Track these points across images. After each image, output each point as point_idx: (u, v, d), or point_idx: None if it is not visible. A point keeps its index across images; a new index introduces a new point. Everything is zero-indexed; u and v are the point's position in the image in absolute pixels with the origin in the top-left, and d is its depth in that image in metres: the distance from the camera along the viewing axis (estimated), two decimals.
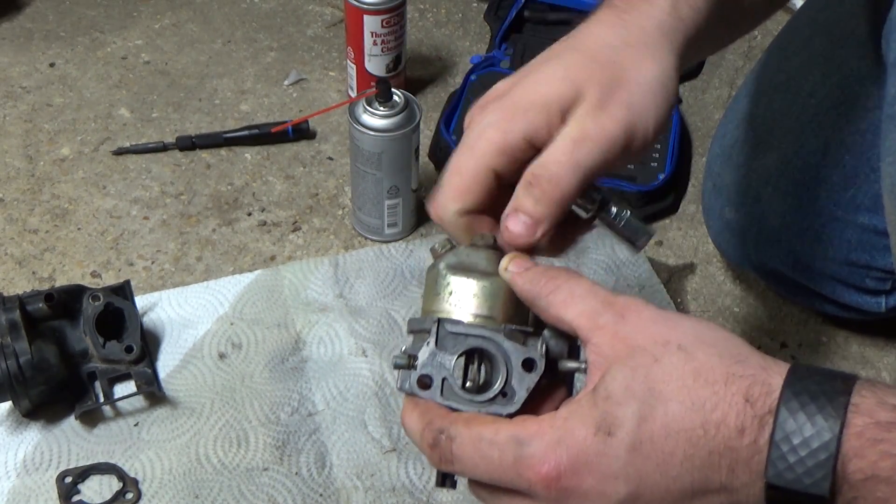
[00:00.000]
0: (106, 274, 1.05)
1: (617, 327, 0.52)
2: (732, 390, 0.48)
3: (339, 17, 1.38)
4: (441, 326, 0.55)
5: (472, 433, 0.52)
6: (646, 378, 0.50)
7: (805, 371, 0.49)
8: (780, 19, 1.42)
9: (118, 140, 1.20)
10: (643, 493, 0.50)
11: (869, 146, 0.88)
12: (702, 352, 0.50)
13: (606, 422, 0.50)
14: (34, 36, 1.35)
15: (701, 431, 0.48)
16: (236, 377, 0.94)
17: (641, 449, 0.49)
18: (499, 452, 0.51)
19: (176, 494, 0.85)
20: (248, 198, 1.14)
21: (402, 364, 0.56)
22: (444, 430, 0.53)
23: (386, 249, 1.07)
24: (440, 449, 0.53)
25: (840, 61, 0.93)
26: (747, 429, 0.48)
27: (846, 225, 0.92)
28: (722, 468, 0.48)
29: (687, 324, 0.52)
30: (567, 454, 0.50)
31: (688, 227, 1.14)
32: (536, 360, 0.54)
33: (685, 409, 0.49)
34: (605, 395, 0.50)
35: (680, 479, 0.49)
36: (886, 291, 0.96)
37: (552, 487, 0.50)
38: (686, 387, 0.49)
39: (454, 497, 0.86)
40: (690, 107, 1.29)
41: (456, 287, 0.56)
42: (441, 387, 0.55)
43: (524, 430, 0.51)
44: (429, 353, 0.55)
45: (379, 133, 1.01)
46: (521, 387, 0.54)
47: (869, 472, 0.46)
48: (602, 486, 0.50)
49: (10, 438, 0.89)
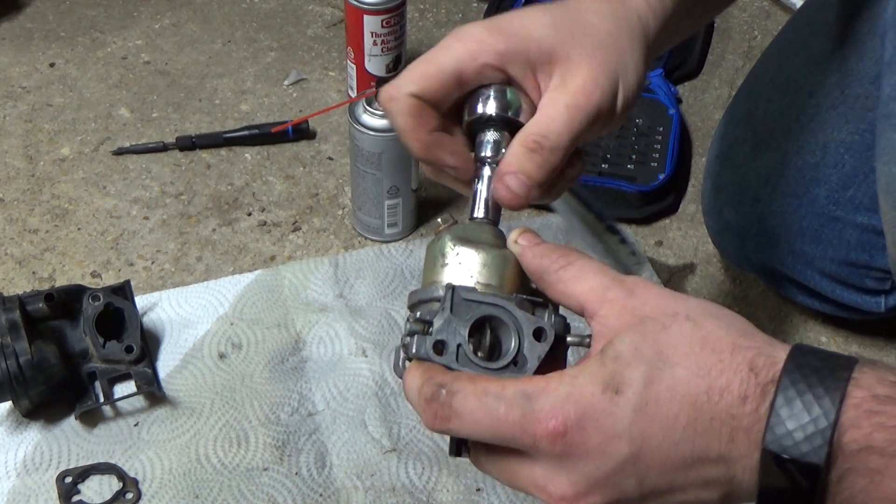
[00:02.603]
0: (106, 274, 1.05)
1: (626, 300, 0.53)
2: (738, 359, 0.49)
3: (339, 17, 1.38)
4: (455, 293, 0.55)
5: (476, 388, 0.52)
6: (654, 342, 0.50)
7: (809, 348, 0.50)
8: (779, 19, 1.42)
9: (118, 140, 1.20)
10: (644, 456, 0.50)
11: (868, 146, 0.88)
12: (709, 323, 0.51)
13: (615, 381, 0.50)
14: (34, 36, 1.35)
15: (705, 397, 0.49)
16: (236, 377, 0.94)
17: (647, 410, 0.49)
18: (505, 406, 0.51)
19: (176, 494, 0.85)
20: (248, 198, 1.14)
21: (417, 330, 0.55)
22: (444, 384, 0.53)
23: (386, 249, 1.07)
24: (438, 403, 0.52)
25: (840, 61, 0.93)
26: (749, 397, 0.48)
27: (846, 225, 0.92)
28: (723, 436, 0.49)
29: (694, 300, 0.53)
30: (575, 410, 0.50)
31: (688, 227, 1.14)
32: (547, 329, 0.55)
33: (691, 373, 0.49)
34: (613, 356, 0.51)
35: (681, 445, 0.49)
36: (886, 291, 0.96)
37: (557, 442, 0.50)
38: (693, 353, 0.50)
39: (454, 497, 0.86)
40: (690, 107, 1.29)
41: (464, 257, 0.57)
42: (456, 353, 0.54)
43: (532, 385, 0.51)
44: (444, 319, 0.55)
45: (379, 133, 1.01)
46: (532, 355, 0.54)
47: (863, 442, 0.46)
48: (605, 444, 0.50)
49: (10, 438, 0.89)
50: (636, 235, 1.12)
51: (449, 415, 0.52)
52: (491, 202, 0.61)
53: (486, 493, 0.87)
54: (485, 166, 0.61)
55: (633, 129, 1.17)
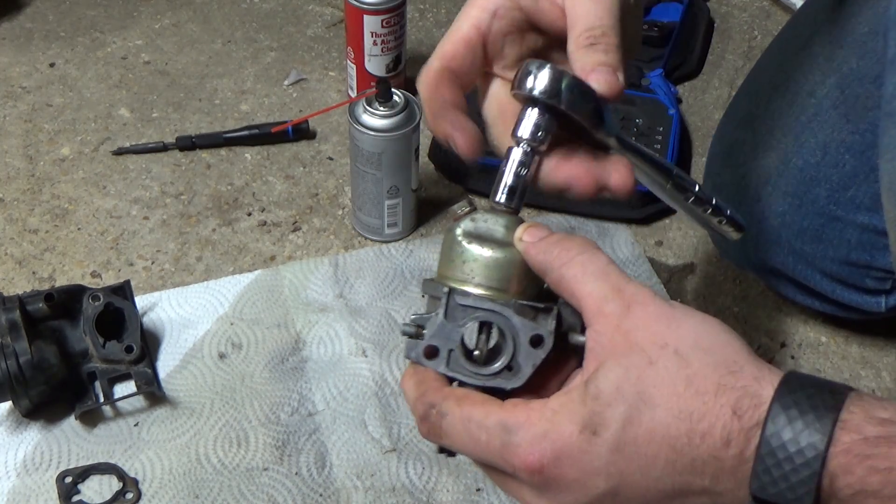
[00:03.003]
0: (106, 274, 1.05)
1: (620, 320, 0.52)
2: (721, 402, 0.49)
3: (339, 17, 1.38)
4: (451, 298, 0.55)
5: (462, 413, 0.53)
6: (637, 380, 0.50)
7: (797, 383, 0.49)
8: (779, 19, 1.42)
9: (118, 140, 1.20)
10: (623, 490, 0.51)
11: (869, 146, 0.88)
12: (697, 359, 0.50)
13: (593, 421, 0.50)
14: (34, 36, 1.35)
15: (685, 440, 0.49)
16: (236, 377, 0.94)
17: (624, 450, 0.50)
18: (486, 436, 0.52)
19: (176, 494, 0.85)
20: (248, 198, 1.14)
21: (410, 333, 0.56)
22: (435, 405, 0.54)
23: (386, 249, 1.07)
24: (430, 423, 0.54)
25: (840, 61, 0.93)
26: (733, 441, 0.48)
27: (846, 225, 0.92)
28: (705, 474, 0.49)
29: (689, 324, 0.52)
30: (551, 448, 0.51)
31: (688, 227, 1.14)
32: (545, 336, 0.54)
33: (672, 416, 0.49)
34: (594, 394, 0.51)
35: (661, 481, 0.50)
36: (886, 291, 0.95)
37: (535, 476, 0.51)
38: (676, 394, 0.50)
39: (454, 497, 0.86)
40: (690, 107, 1.29)
41: (469, 256, 0.56)
42: (447, 358, 0.55)
43: (513, 417, 0.52)
44: (437, 323, 0.55)
45: (379, 133, 1.01)
46: (527, 363, 0.54)
47: (857, 487, 0.46)
48: (583, 480, 0.51)
49: (10, 438, 0.89)
50: (636, 235, 1.11)
51: (440, 433, 0.54)
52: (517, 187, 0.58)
53: (486, 493, 0.87)
54: (517, 147, 0.58)
55: (634, 129, 1.17)
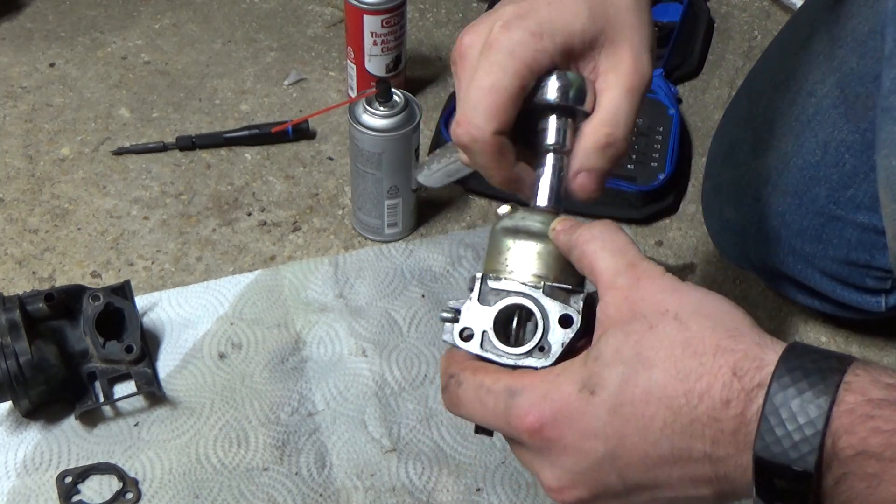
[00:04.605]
0: (106, 274, 1.05)
1: (629, 291, 0.54)
2: (720, 362, 0.49)
3: (339, 17, 1.38)
4: (483, 283, 0.58)
5: (475, 380, 0.55)
6: (636, 343, 0.51)
7: (802, 349, 0.49)
8: (779, 19, 1.42)
9: (118, 140, 1.20)
10: (622, 454, 0.51)
11: (869, 145, 0.88)
12: (696, 323, 0.51)
13: (592, 381, 0.52)
14: (34, 36, 1.35)
15: (683, 400, 0.49)
16: (236, 377, 0.94)
17: (621, 411, 0.51)
18: (493, 400, 0.54)
19: (176, 494, 0.85)
20: (248, 198, 1.14)
21: (448, 318, 0.59)
22: (454, 374, 0.57)
23: (386, 249, 1.07)
24: (449, 392, 0.57)
25: (840, 61, 0.93)
26: (733, 401, 0.49)
27: (846, 224, 0.92)
28: (705, 437, 0.49)
29: (693, 294, 0.54)
30: (550, 408, 0.52)
31: (688, 227, 1.14)
32: (573, 316, 0.56)
33: (669, 376, 0.50)
34: (595, 356, 0.52)
35: (659, 444, 0.50)
36: (886, 291, 0.95)
37: (535, 437, 0.53)
38: (673, 356, 0.50)
39: (454, 497, 0.86)
40: (690, 107, 1.29)
41: (505, 247, 0.59)
42: (481, 339, 0.58)
43: (518, 381, 0.54)
44: (471, 307, 0.58)
45: (379, 133, 1.01)
46: (556, 342, 0.56)
47: (859, 447, 0.46)
48: (581, 442, 0.52)
49: (10, 438, 0.89)
50: (636, 235, 1.12)
51: (457, 402, 0.56)
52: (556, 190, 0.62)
53: (486, 493, 0.87)
54: (548, 153, 0.63)
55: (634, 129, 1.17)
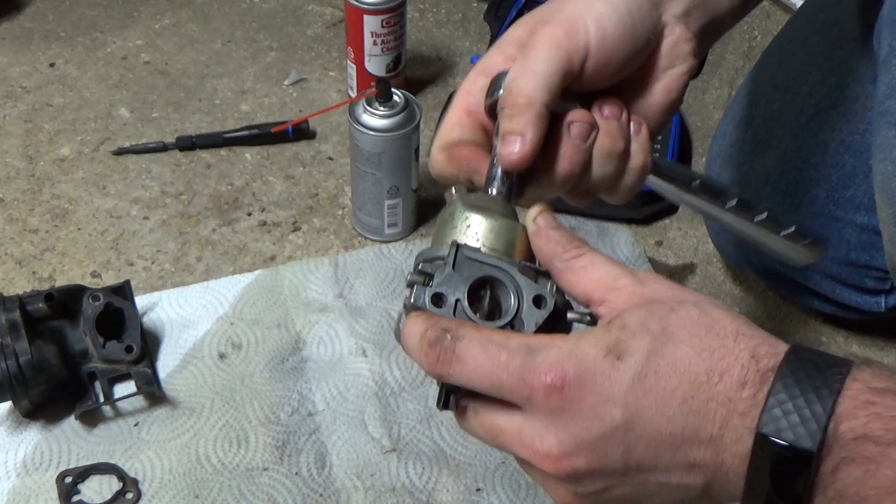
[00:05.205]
0: (106, 274, 1.05)
1: (635, 288, 0.54)
2: (741, 346, 0.50)
3: (339, 17, 1.38)
4: (459, 251, 0.56)
5: (481, 335, 0.53)
6: (661, 319, 0.51)
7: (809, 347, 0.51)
8: (779, 19, 1.42)
9: (118, 140, 1.20)
10: (636, 425, 0.51)
11: (868, 146, 0.88)
12: (715, 311, 0.52)
13: (618, 347, 0.51)
14: (34, 36, 1.35)
15: (704, 377, 0.50)
16: (236, 377, 0.94)
17: (645, 380, 0.50)
18: (507, 355, 0.52)
19: (176, 494, 0.85)
20: (248, 198, 1.14)
21: (417, 280, 0.56)
22: (450, 329, 0.53)
23: (386, 249, 1.07)
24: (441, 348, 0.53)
25: (839, 61, 0.93)
26: (749, 383, 0.49)
27: (845, 225, 0.92)
28: (717, 419, 0.50)
29: (701, 294, 0.55)
30: (575, 367, 0.51)
31: (688, 227, 1.14)
32: (546, 297, 0.55)
33: (694, 352, 0.50)
34: (620, 325, 0.52)
35: (674, 420, 0.50)
36: (886, 291, 0.96)
37: (553, 397, 0.51)
38: (698, 335, 0.51)
39: (454, 497, 0.86)
40: (690, 107, 1.29)
41: (474, 221, 0.58)
42: (454, 307, 0.55)
43: (536, 339, 0.52)
44: (445, 273, 0.56)
45: (379, 133, 1.01)
46: (529, 321, 0.55)
47: (859, 431, 0.47)
48: (600, 407, 0.51)
49: (10, 438, 0.89)
50: (636, 235, 1.12)
51: (451, 359, 0.53)
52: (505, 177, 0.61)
53: (486, 493, 0.87)
54: None
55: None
